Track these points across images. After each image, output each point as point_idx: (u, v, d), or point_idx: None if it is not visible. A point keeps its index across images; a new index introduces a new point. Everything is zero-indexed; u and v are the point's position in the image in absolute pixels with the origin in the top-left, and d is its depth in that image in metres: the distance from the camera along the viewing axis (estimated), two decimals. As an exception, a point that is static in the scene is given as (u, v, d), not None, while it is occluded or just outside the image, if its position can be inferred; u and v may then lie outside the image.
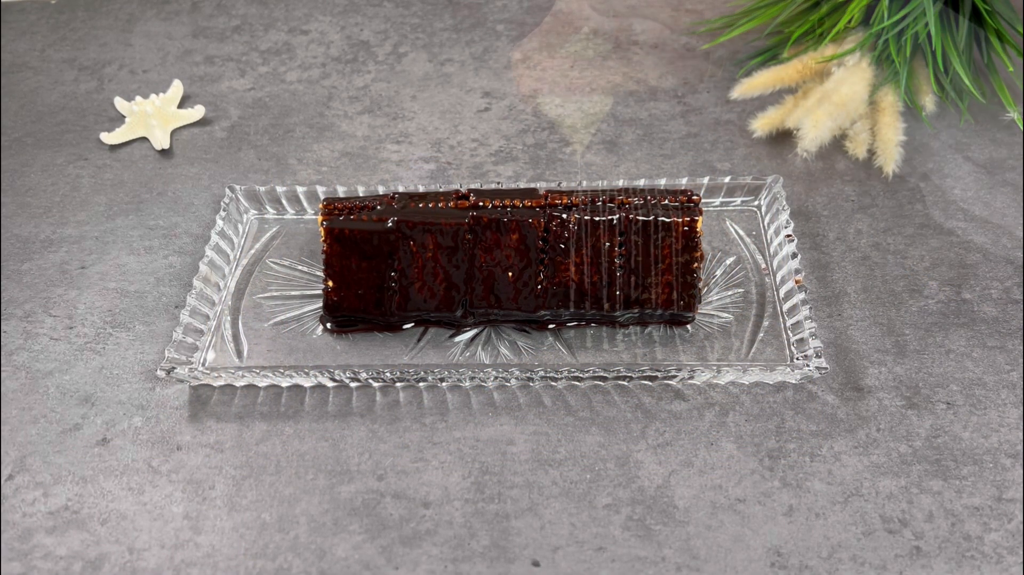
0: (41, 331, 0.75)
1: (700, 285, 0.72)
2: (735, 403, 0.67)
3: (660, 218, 0.69)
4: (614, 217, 0.69)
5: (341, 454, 0.65)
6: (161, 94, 0.96)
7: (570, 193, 0.71)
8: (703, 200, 0.80)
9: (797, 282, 0.72)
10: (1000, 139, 0.87)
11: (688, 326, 0.72)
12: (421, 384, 0.69)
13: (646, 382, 0.68)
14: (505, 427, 0.67)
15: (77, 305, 0.76)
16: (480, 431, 0.66)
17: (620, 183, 0.80)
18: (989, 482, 0.62)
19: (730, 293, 0.74)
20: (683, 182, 0.80)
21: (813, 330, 0.69)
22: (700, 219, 0.69)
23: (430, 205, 0.71)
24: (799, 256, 0.74)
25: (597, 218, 0.69)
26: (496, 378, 0.68)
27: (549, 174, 0.86)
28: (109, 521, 0.62)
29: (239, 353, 0.72)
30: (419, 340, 0.72)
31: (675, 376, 0.68)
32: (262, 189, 0.82)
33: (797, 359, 0.69)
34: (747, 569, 0.59)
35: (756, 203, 0.81)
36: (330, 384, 0.69)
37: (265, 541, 0.61)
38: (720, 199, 0.81)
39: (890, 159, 0.84)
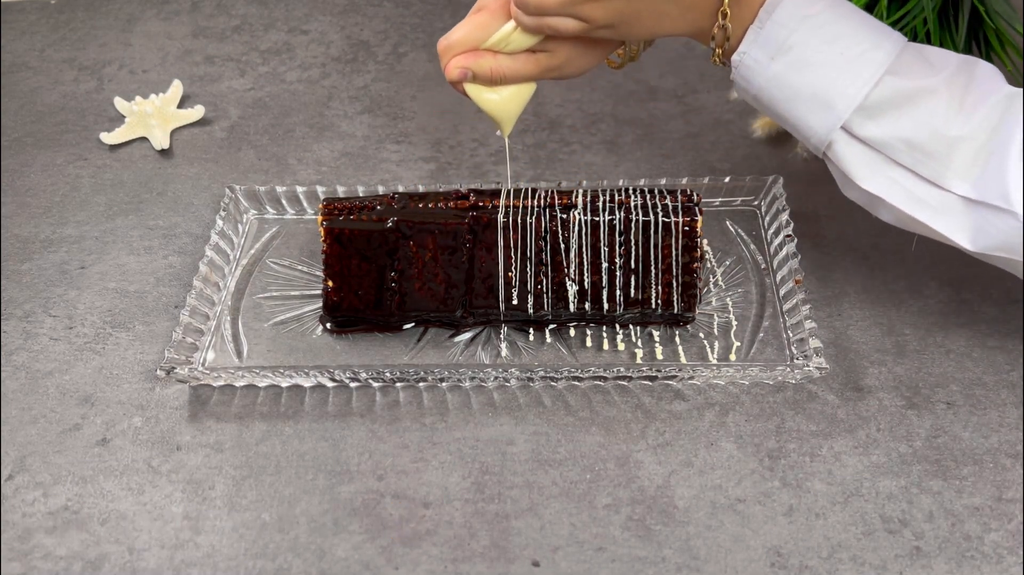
0: (41, 331, 0.75)
1: (700, 285, 0.72)
2: (735, 403, 0.67)
3: (660, 218, 0.69)
4: (614, 217, 0.69)
5: (341, 454, 0.65)
6: (161, 94, 0.96)
7: (570, 193, 0.71)
8: (703, 200, 0.80)
9: (797, 282, 0.72)
10: (1000, 139, 0.87)
11: (688, 326, 0.72)
12: (421, 384, 0.69)
13: (646, 382, 0.68)
14: (505, 427, 0.67)
15: (77, 305, 0.76)
16: (480, 431, 0.66)
17: (620, 183, 0.80)
18: (989, 482, 0.62)
19: (730, 293, 0.74)
20: (683, 182, 0.80)
21: (813, 330, 0.69)
22: (700, 219, 0.69)
23: (430, 205, 0.71)
24: (799, 256, 0.74)
25: (597, 218, 0.69)
26: (496, 378, 0.68)
27: (549, 174, 0.86)
28: (109, 521, 0.62)
29: (239, 353, 0.72)
30: (419, 340, 0.72)
31: (675, 376, 0.68)
32: (262, 189, 0.82)
33: (797, 359, 0.69)
34: (747, 569, 0.59)
35: (756, 203, 0.81)
36: (330, 384, 0.69)
37: (265, 541, 0.61)
38: (720, 199, 0.81)
39: (890, 159, 0.84)
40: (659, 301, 0.71)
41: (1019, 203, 0.58)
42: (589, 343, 0.71)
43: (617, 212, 0.69)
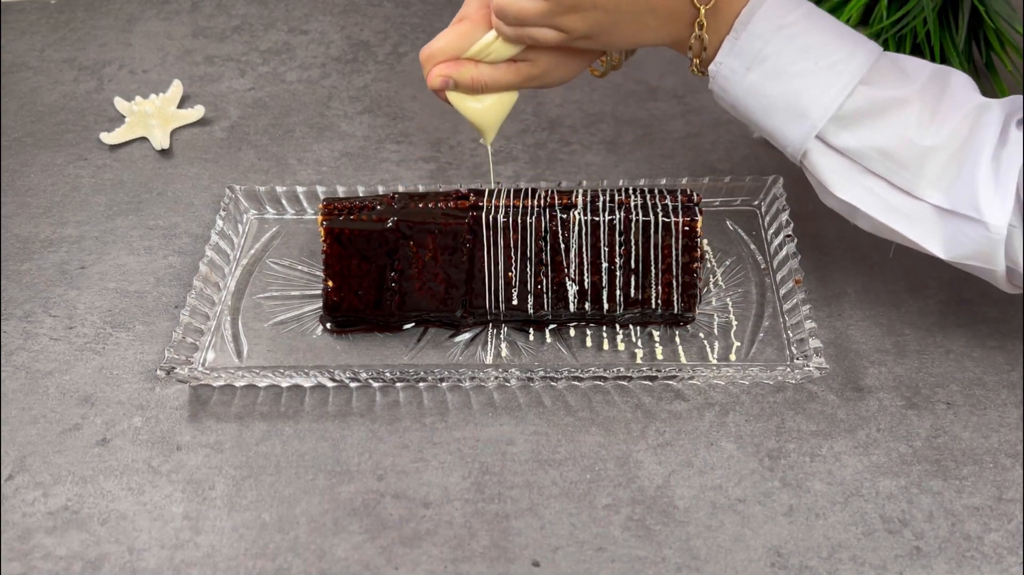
0: (41, 331, 0.75)
1: (700, 285, 0.72)
2: (735, 403, 0.67)
3: (660, 218, 0.69)
4: (614, 217, 0.69)
5: (341, 454, 0.65)
6: (161, 94, 0.96)
7: (570, 193, 0.71)
8: (703, 200, 0.80)
9: (797, 282, 0.72)
10: (1000, 139, 0.87)
11: (688, 326, 0.72)
12: (421, 384, 0.69)
13: (646, 382, 0.69)
14: (505, 427, 0.67)
15: (77, 305, 0.76)
16: (480, 431, 0.66)
17: (620, 183, 0.80)
18: (989, 482, 0.62)
19: (730, 293, 0.74)
20: (683, 182, 0.80)
21: (813, 330, 0.69)
22: (700, 219, 0.69)
23: (430, 205, 0.71)
24: (799, 256, 0.74)
25: (597, 218, 0.69)
26: (496, 378, 0.68)
27: (549, 174, 0.86)
28: (109, 521, 0.62)
29: (239, 353, 0.72)
30: (419, 340, 0.72)
31: (675, 376, 0.68)
32: (262, 189, 0.82)
33: (797, 359, 0.69)
34: (747, 569, 0.59)
35: (756, 203, 0.81)
36: (330, 384, 0.69)
37: (265, 541, 0.61)
38: (720, 199, 0.81)
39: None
40: (659, 301, 0.71)
41: (989, 213, 0.59)
42: (589, 343, 0.71)
43: (617, 212, 0.69)
